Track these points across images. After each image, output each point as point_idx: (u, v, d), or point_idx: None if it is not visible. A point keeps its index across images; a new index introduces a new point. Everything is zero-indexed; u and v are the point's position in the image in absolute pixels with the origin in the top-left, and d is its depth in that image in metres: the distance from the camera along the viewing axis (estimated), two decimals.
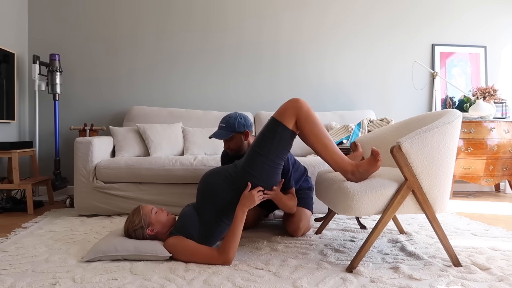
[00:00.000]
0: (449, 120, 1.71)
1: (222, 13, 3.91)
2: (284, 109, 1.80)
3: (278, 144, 1.79)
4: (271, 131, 1.80)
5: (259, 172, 1.81)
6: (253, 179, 1.82)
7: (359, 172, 1.74)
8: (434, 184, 1.71)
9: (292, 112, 1.79)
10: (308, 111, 1.79)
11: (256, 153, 1.81)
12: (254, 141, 1.87)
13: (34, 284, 1.53)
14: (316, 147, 1.81)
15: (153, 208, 1.92)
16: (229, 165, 1.97)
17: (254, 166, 1.81)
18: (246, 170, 1.83)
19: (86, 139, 2.85)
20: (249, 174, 1.82)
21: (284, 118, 1.79)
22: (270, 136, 1.80)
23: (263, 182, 1.84)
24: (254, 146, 1.84)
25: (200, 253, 1.76)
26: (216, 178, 1.91)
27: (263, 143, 1.80)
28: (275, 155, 1.80)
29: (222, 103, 3.93)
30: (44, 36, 3.74)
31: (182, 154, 3.26)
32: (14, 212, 3.05)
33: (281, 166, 1.87)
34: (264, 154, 1.80)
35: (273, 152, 1.80)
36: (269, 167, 1.81)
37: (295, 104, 1.79)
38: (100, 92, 3.81)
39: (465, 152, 3.65)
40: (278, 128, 1.79)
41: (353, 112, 3.74)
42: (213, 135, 2.15)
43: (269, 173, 1.83)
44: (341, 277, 1.62)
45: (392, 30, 4.07)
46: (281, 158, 1.83)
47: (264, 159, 1.80)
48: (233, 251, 1.76)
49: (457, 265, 1.73)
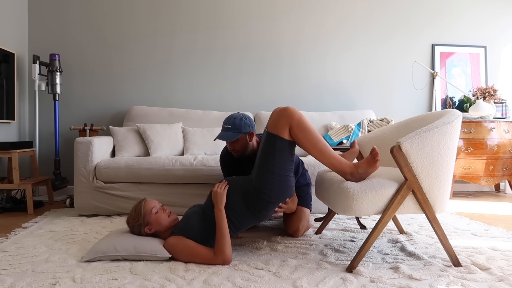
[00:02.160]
0: (449, 120, 1.71)
1: (225, 14, 3.91)
2: (276, 121, 1.80)
3: (281, 157, 1.80)
4: (270, 147, 1.80)
5: (269, 189, 1.81)
6: (266, 197, 1.83)
7: (358, 173, 1.74)
8: (434, 184, 1.71)
9: (284, 122, 1.78)
10: (300, 119, 1.79)
11: (263, 172, 1.81)
12: (257, 160, 1.87)
13: (34, 284, 1.53)
14: (312, 152, 1.81)
15: (155, 206, 1.89)
16: (248, 177, 1.95)
17: (265, 184, 1.81)
18: (259, 190, 1.83)
19: (86, 139, 2.85)
20: (262, 193, 1.82)
21: (278, 130, 1.79)
22: (271, 152, 1.80)
23: (276, 197, 1.84)
24: (259, 165, 1.83)
25: (198, 253, 1.77)
26: (233, 189, 1.90)
27: (266, 160, 1.81)
28: (281, 168, 1.81)
29: (223, 103, 3.93)
30: (44, 36, 3.74)
31: (182, 154, 3.26)
32: (14, 212, 3.05)
33: (291, 178, 1.87)
34: (271, 170, 1.80)
35: (278, 166, 1.80)
36: (279, 181, 1.82)
37: (285, 113, 1.79)
38: (100, 92, 3.81)
39: (465, 152, 3.65)
40: (276, 141, 1.79)
41: (353, 112, 3.74)
42: (219, 137, 2.10)
43: (280, 187, 1.83)
44: (341, 277, 1.62)
45: (392, 31, 4.07)
46: (287, 169, 1.83)
47: (271, 175, 1.80)
48: (228, 249, 1.76)
49: (457, 265, 1.74)
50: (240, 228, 1.88)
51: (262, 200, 1.83)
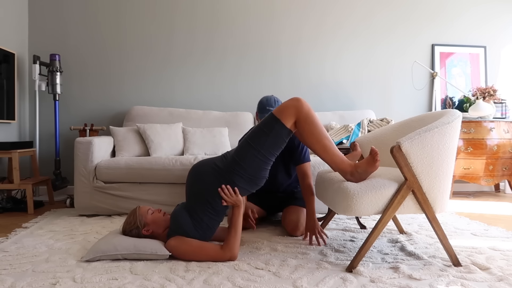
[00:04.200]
0: (449, 120, 1.71)
1: (224, 14, 3.91)
2: (285, 108, 1.79)
3: (273, 141, 1.79)
4: (268, 126, 1.80)
5: (248, 164, 1.80)
6: (241, 170, 1.81)
7: (358, 172, 1.74)
8: (434, 184, 1.71)
9: (292, 111, 1.78)
10: (309, 112, 1.79)
11: (248, 145, 1.81)
12: (249, 133, 1.86)
13: (34, 284, 1.53)
14: (315, 148, 1.80)
15: (150, 208, 1.93)
16: (218, 156, 1.96)
17: (245, 158, 1.81)
18: (236, 161, 1.82)
19: (86, 139, 2.85)
20: (238, 165, 1.81)
21: (283, 116, 1.78)
22: (266, 131, 1.79)
23: (250, 174, 1.83)
24: (248, 138, 1.83)
25: (204, 251, 1.78)
26: (203, 170, 1.89)
27: (258, 136, 1.80)
28: (268, 150, 1.80)
29: (222, 103, 3.93)
30: (44, 36, 3.74)
31: (182, 154, 3.26)
32: (14, 212, 3.05)
33: (271, 163, 1.86)
34: (257, 147, 1.79)
35: (266, 147, 1.79)
36: (260, 161, 1.81)
37: (296, 103, 1.79)
38: (100, 92, 3.81)
39: (465, 152, 3.65)
40: (276, 125, 1.79)
41: (353, 112, 3.74)
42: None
43: (258, 166, 1.82)
44: (341, 277, 1.62)
45: (392, 31, 4.07)
46: (272, 154, 1.82)
47: (256, 152, 1.79)
48: (237, 247, 1.80)
49: (457, 265, 1.74)
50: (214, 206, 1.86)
51: (234, 171, 1.82)
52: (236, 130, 3.58)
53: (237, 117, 3.66)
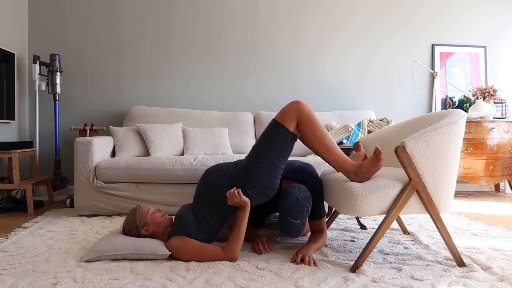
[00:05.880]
0: (453, 120, 1.71)
1: (224, 14, 3.91)
2: (285, 112, 1.81)
3: (279, 147, 1.80)
4: (272, 133, 1.80)
5: (258, 173, 1.81)
6: (252, 180, 1.82)
7: (362, 172, 1.74)
8: (439, 184, 1.70)
9: (293, 114, 1.79)
10: (310, 113, 1.80)
11: (256, 154, 1.81)
12: (256, 142, 1.87)
13: (35, 284, 1.52)
14: (318, 149, 1.81)
15: (150, 208, 1.93)
16: (230, 163, 1.96)
17: (254, 167, 1.81)
18: (247, 171, 1.82)
19: (86, 139, 2.84)
20: (249, 175, 1.82)
21: (285, 121, 1.79)
22: (271, 138, 1.80)
23: (261, 184, 1.83)
24: (255, 148, 1.84)
25: (205, 252, 1.78)
26: (216, 175, 1.91)
27: (264, 144, 1.81)
28: (275, 157, 1.80)
29: (223, 103, 3.92)
30: (44, 36, 3.73)
31: (182, 154, 3.26)
32: (14, 212, 3.04)
33: (281, 170, 1.86)
34: (264, 155, 1.80)
35: (273, 154, 1.80)
36: (269, 168, 1.81)
37: (296, 106, 1.80)
38: (100, 92, 3.80)
39: (465, 152, 3.65)
40: (280, 130, 1.79)
41: (353, 112, 3.74)
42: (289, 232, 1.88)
43: (268, 175, 1.82)
44: (343, 276, 1.62)
45: (392, 31, 4.07)
46: (281, 161, 1.83)
47: (264, 160, 1.80)
48: (238, 250, 1.79)
49: (461, 265, 1.73)
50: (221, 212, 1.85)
51: (246, 181, 1.81)
52: (236, 130, 3.57)
53: (237, 117, 3.65)
